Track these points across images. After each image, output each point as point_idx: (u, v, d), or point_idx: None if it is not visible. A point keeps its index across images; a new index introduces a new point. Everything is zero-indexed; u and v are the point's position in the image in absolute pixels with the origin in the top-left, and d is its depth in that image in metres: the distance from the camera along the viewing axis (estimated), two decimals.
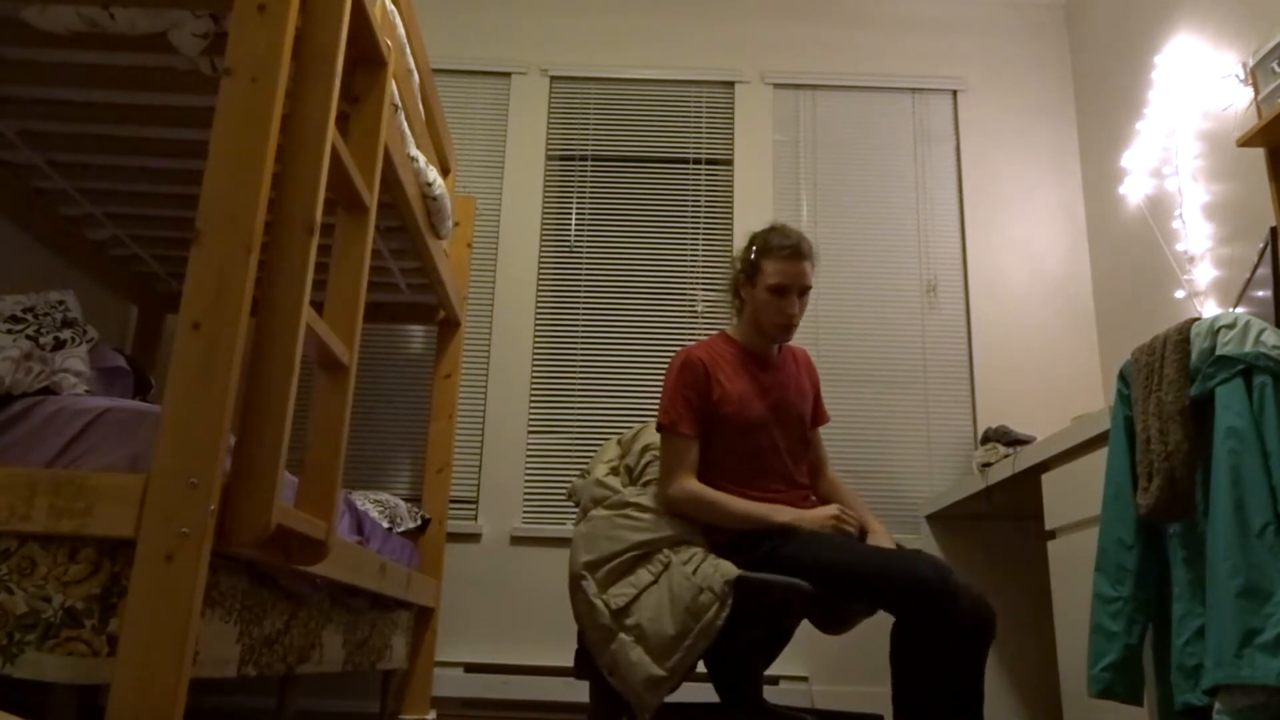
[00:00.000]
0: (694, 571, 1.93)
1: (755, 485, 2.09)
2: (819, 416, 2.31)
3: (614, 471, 2.25)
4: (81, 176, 2.48)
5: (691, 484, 2.03)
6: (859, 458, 3.48)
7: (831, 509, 2.00)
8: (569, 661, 3.21)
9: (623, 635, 1.94)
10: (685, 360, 2.09)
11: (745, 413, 2.09)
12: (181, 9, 1.76)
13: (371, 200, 1.80)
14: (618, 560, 2.01)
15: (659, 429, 2.10)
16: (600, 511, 2.11)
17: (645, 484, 2.18)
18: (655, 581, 1.96)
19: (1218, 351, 1.61)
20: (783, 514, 1.99)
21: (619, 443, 2.33)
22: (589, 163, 3.77)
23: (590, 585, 2.02)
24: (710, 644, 1.89)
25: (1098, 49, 3.65)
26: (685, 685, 2.29)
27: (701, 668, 2.28)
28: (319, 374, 1.69)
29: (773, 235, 2.09)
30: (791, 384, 2.20)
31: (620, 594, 1.97)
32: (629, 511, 2.06)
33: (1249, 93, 2.63)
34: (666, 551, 2.00)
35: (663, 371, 3.55)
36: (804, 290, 2.10)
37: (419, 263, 2.87)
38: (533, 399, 3.52)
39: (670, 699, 2.49)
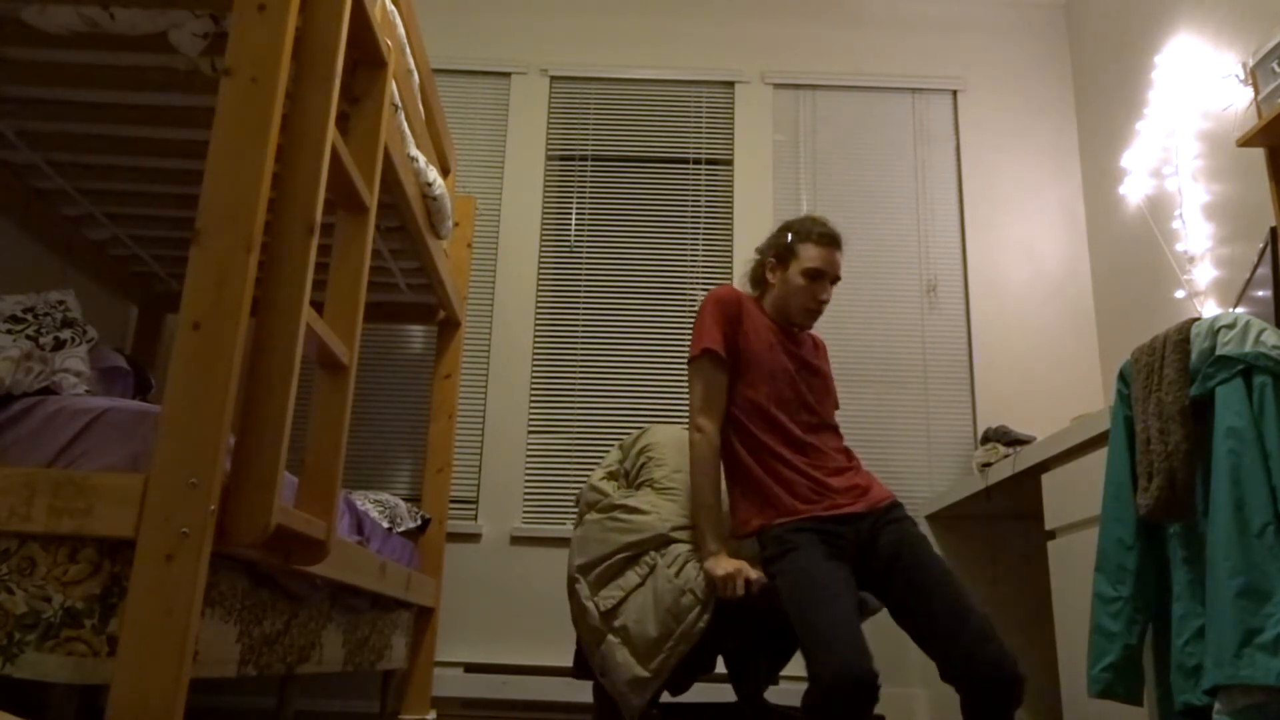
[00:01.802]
0: (677, 574, 1.94)
1: (797, 435, 2.00)
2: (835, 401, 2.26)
3: (611, 476, 2.27)
4: (81, 176, 2.48)
5: (705, 435, 1.98)
6: (859, 457, 3.48)
7: (733, 567, 1.87)
8: (568, 661, 3.21)
9: (611, 637, 1.96)
10: (717, 295, 2.08)
11: (772, 358, 2.05)
12: (181, 9, 1.76)
13: (371, 200, 1.80)
14: (607, 563, 2.03)
15: (689, 362, 2.06)
16: (592, 515, 2.14)
17: (639, 485, 2.19)
18: (642, 584, 1.98)
19: (1218, 351, 1.61)
20: (711, 545, 1.92)
21: (620, 448, 2.35)
22: (589, 163, 3.77)
23: (583, 588, 2.04)
24: (692, 646, 1.89)
25: (1098, 49, 3.65)
26: (697, 686, 2.30)
27: (721, 667, 2.29)
28: (319, 374, 1.69)
29: (811, 223, 2.11)
30: (812, 359, 2.17)
31: (609, 596, 2.00)
32: (616, 514, 2.09)
33: (1249, 93, 2.63)
34: (653, 553, 2.01)
35: (662, 371, 3.55)
36: (835, 279, 2.11)
37: (419, 263, 2.87)
38: (533, 399, 3.52)
39: (683, 699, 2.50)
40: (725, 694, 2.95)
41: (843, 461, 2.06)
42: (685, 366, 3.56)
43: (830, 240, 2.09)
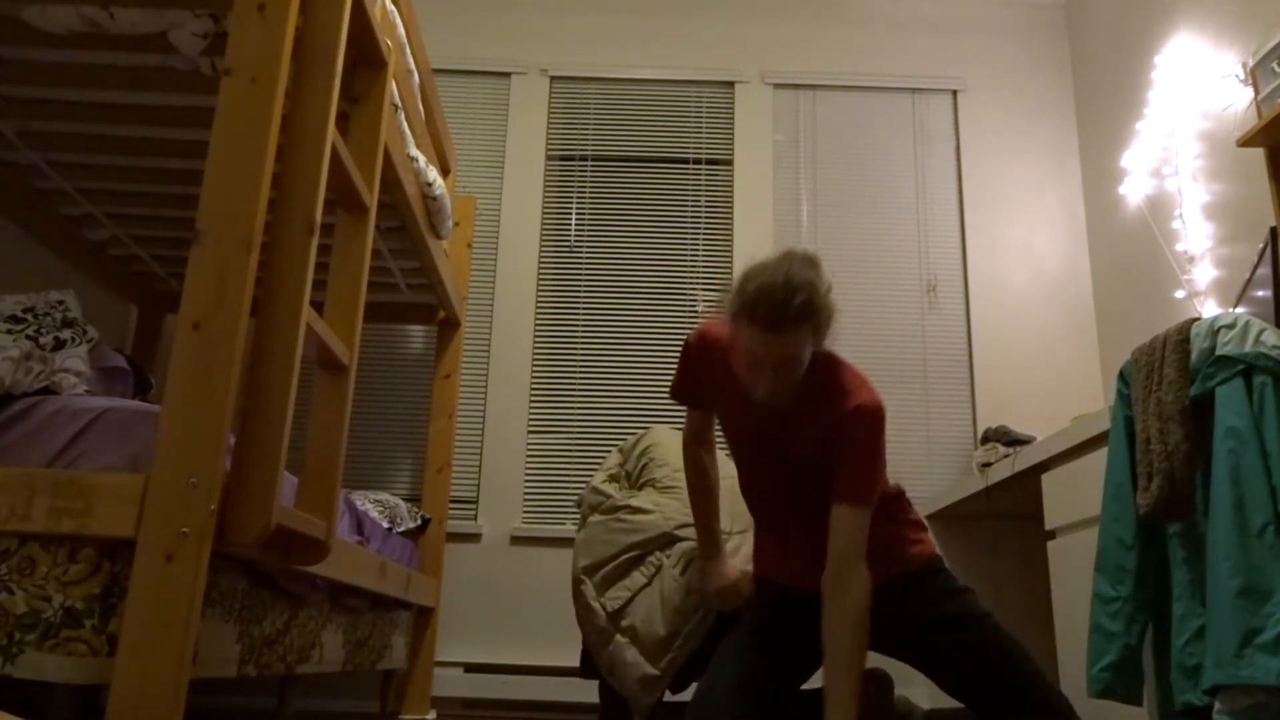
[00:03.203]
0: (682, 573, 1.96)
1: (760, 502, 1.87)
2: (840, 492, 1.64)
3: (613, 479, 2.28)
4: (81, 176, 2.48)
5: (689, 448, 1.93)
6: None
7: (726, 582, 1.88)
8: (569, 661, 3.21)
9: (619, 637, 1.97)
10: (687, 341, 1.83)
11: (739, 422, 1.79)
12: (181, 9, 1.76)
13: (371, 200, 1.80)
14: (613, 564, 2.04)
15: None
16: (596, 517, 2.15)
17: (641, 486, 2.20)
18: (648, 584, 1.99)
19: (1218, 351, 1.61)
20: (705, 550, 1.92)
21: (620, 450, 2.36)
22: (589, 163, 3.77)
23: (589, 589, 2.05)
24: (701, 645, 1.91)
25: (1098, 49, 3.65)
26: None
27: None
28: (319, 374, 1.69)
29: (759, 294, 1.52)
30: (801, 430, 1.71)
31: (616, 597, 2.00)
32: (621, 515, 2.10)
33: (1249, 93, 2.63)
34: (659, 554, 2.02)
35: (662, 371, 3.56)
36: (782, 365, 1.56)
37: (419, 263, 2.87)
38: (533, 399, 3.52)
39: (680, 697, 2.51)
40: None
41: (812, 555, 1.72)
42: None
43: (770, 323, 1.51)
